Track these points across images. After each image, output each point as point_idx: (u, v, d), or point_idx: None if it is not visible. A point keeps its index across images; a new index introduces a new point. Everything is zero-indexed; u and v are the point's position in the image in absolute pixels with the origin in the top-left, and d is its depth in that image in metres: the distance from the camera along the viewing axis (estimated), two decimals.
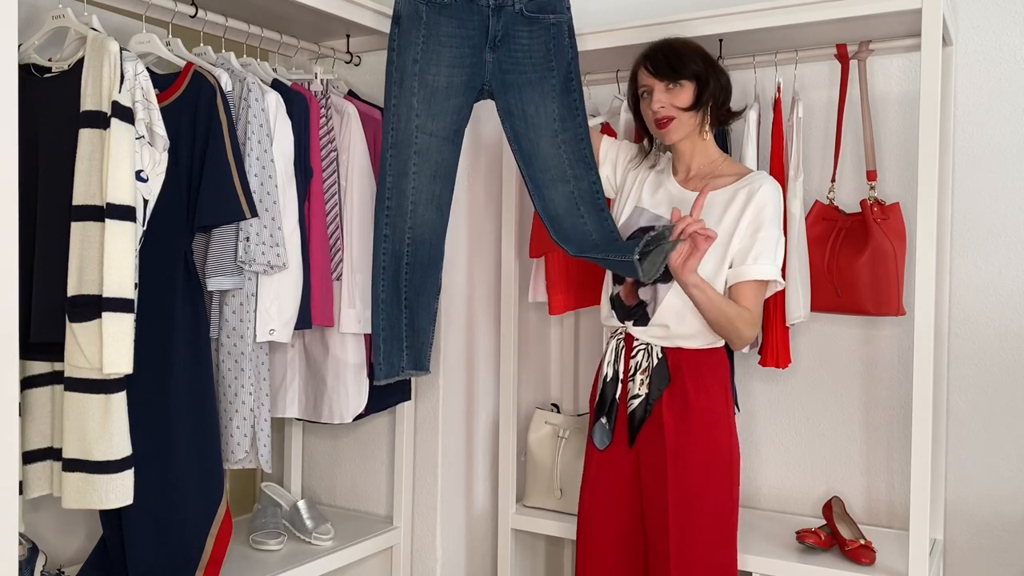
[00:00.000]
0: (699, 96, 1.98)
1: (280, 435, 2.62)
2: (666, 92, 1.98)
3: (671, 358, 1.97)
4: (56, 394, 1.75)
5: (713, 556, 1.95)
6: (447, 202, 2.09)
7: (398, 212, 2.03)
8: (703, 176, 2.03)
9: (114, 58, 1.66)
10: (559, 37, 2.10)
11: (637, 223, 2.04)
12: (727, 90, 2.04)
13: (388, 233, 2.03)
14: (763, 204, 1.93)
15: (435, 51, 2.01)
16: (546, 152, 2.09)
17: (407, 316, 2.05)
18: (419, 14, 1.99)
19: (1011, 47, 2.25)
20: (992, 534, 2.28)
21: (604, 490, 2.06)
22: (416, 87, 2.00)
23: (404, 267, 2.04)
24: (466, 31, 2.03)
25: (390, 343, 2.03)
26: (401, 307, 2.04)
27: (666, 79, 1.97)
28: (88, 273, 1.62)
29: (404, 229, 2.04)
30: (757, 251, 1.92)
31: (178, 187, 1.80)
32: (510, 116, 2.08)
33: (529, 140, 2.09)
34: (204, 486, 1.85)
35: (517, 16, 2.06)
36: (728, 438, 1.98)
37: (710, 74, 1.98)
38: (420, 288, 2.07)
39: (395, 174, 2.02)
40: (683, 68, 1.96)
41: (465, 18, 2.03)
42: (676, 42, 2.02)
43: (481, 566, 2.62)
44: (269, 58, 2.33)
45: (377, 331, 2.02)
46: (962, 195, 2.29)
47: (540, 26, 2.09)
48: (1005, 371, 2.26)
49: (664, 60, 1.98)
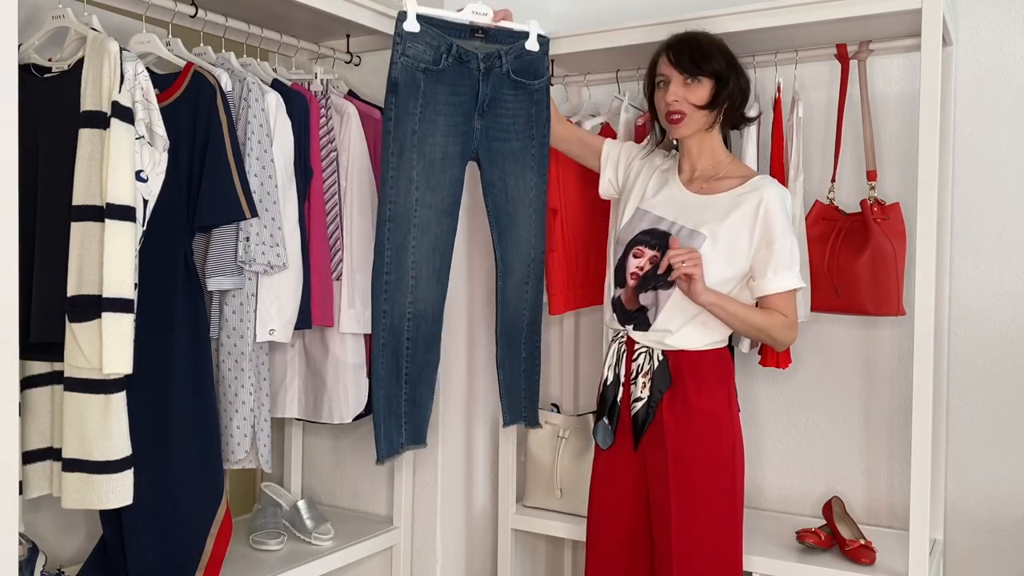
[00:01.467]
0: (716, 95, 1.97)
1: (280, 435, 2.62)
2: (683, 86, 1.97)
3: (672, 360, 1.97)
4: (56, 394, 1.75)
5: (716, 557, 1.94)
6: (446, 274, 2.07)
7: (397, 287, 1.99)
8: (707, 177, 2.02)
9: (114, 58, 1.66)
10: (540, 104, 2.13)
11: (639, 226, 2.03)
12: (745, 93, 2.03)
13: (387, 309, 1.98)
14: (773, 216, 1.92)
15: (431, 120, 1.97)
16: (521, 228, 2.13)
17: (407, 391, 2.03)
18: (416, 82, 1.94)
19: (1011, 47, 2.25)
20: (992, 534, 2.28)
21: (612, 491, 2.06)
22: (415, 159, 1.96)
23: (405, 343, 2.01)
24: (459, 98, 2.01)
25: (389, 421, 2.00)
26: (401, 383, 2.02)
27: (685, 72, 1.96)
28: (88, 273, 1.62)
29: (404, 304, 2.00)
30: (775, 264, 1.91)
31: (178, 187, 1.80)
32: (492, 188, 2.09)
33: (508, 215, 2.11)
34: (204, 486, 1.85)
35: (504, 78, 2.06)
36: (731, 439, 1.97)
37: (731, 75, 1.97)
38: (422, 363, 2.05)
39: (394, 248, 1.97)
40: (705, 64, 1.95)
41: (458, 83, 2.00)
42: (703, 36, 2.01)
43: (481, 566, 2.62)
44: (269, 58, 2.32)
45: (377, 408, 1.98)
46: (962, 195, 2.30)
47: (525, 92, 2.10)
48: (1005, 371, 2.26)
49: (687, 53, 1.97)
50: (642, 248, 2.00)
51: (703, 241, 1.92)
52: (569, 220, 2.40)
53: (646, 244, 1.99)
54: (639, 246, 2.00)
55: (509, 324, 2.18)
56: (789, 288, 1.93)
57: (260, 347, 1.97)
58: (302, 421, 2.54)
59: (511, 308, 2.17)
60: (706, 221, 1.94)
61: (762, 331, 1.94)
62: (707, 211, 1.95)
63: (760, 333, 1.94)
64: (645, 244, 2.00)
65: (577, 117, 2.51)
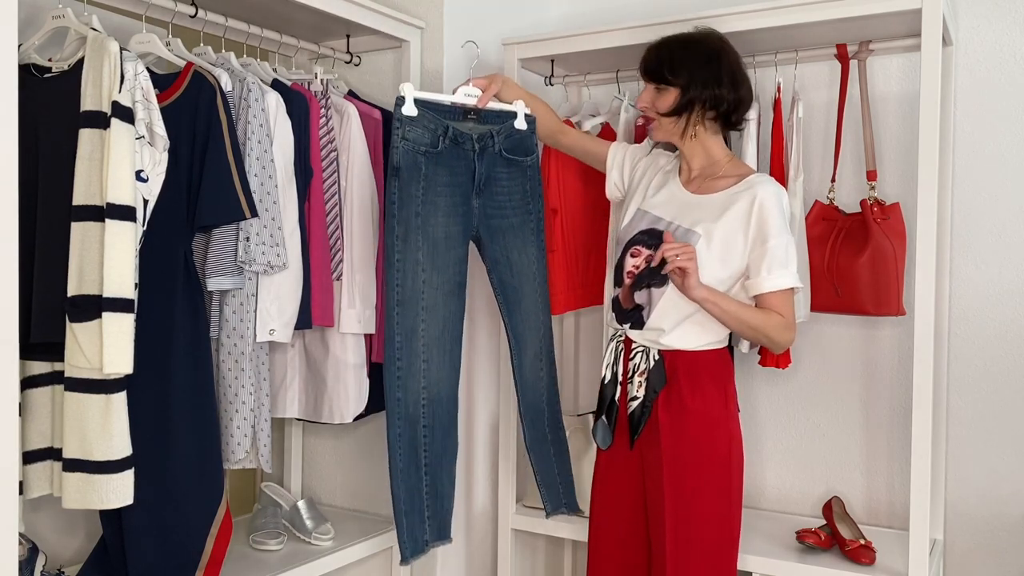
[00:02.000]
0: (678, 105, 1.95)
1: (280, 435, 2.62)
2: (654, 92, 1.98)
3: (668, 360, 1.96)
4: (56, 394, 1.75)
5: (711, 558, 1.93)
6: (458, 357, 2.05)
7: (410, 373, 1.96)
8: (705, 177, 2.02)
9: (114, 58, 1.66)
10: (533, 179, 2.16)
11: (639, 226, 2.03)
12: (719, 99, 1.94)
13: (401, 396, 1.94)
14: (767, 213, 1.89)
15: (433, 202, 1.98)
16: (528, 301, 2.14)
17: (428, 483, 2.00)
18: (417, 165, 1.95)
19: (1011, 47, 2.25)
20: (992, 534, 2.28)
21: (612, 490, 2.06)
22: (420, 241, 1.95)
23: (422, 431, 1.99)
24: (457, 178, 2.02)
25: (411, 517, 1.96)
26: (421, 475, 1.99)
27: (652, 80, 1.98)
28: (88, 273, 1.62)
29: (418, 391, 1.97)
30: (769, 262, 1.89)
31: (178, 187, 1.80)
32: (496, 265, 2.10)
33: (514, 288, 2.12)
34: (204, 486, 1.85)
35: (497, 156, 2.07)
36: (727, 441, 1.95)
37: (700, 83, 1.92)
38: (441, 451, 2.03)
39: (404, 333, 1.94)
40: (670, 73, 1.94)
41: (455, 164, 2.01)
42: (680, 42, 1.98)
43: (481, 566, 2.62)
44: (269, 58, 2.33)
45: (397, 504, 1.93)
46: (962, 195, 2.30)
47: (518, 168, 2.12)
48: (1005, 371, 2.26)
49: (656, 59, 1.97)
50: (639, 248, 2.00)
51: (697, 240, 1.91)
52: (569, 220, 2.41)
53: (643, 244, 1.99)
54: (637, 246, 2.00)
55: (530, 407, 2.17)
56: (784, 287, 1.90)
57: (260, 347, 1.97)
58: (302, 421, 2.54)
59: (530, 388, 2.17)
60: (701, 220, 1.93)
61: (758, 331, 1.90)
62: (702, 210, 1.94)
63: (756, 333, 1.91)
64: (643, 244, 2.00)
65: (577, 117, 2.51)
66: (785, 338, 1.93)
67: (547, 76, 2.63)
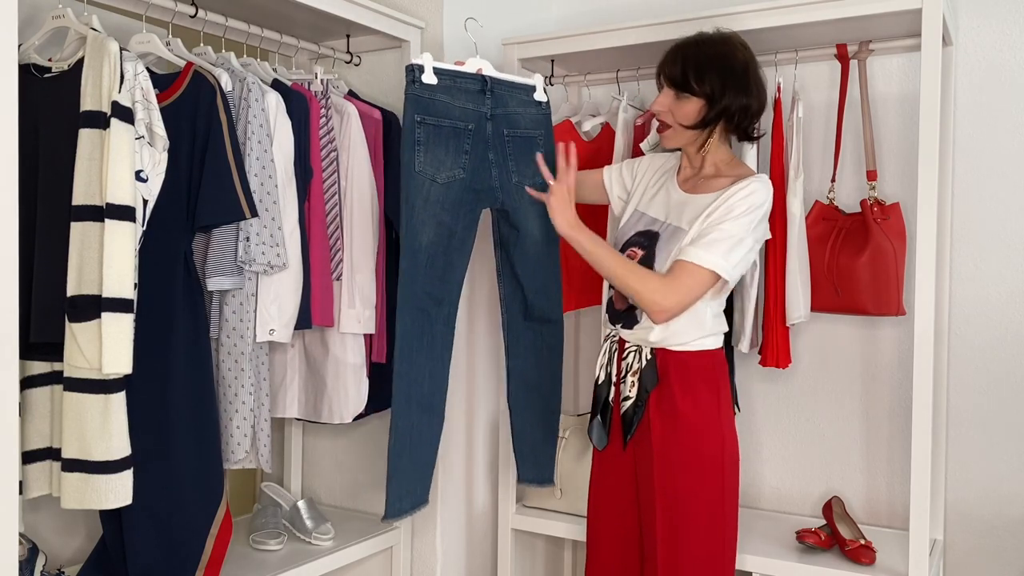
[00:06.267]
0: (704, 117, 1.89)
1: (280, 435, 2.62)
2: (674, 98, 1.91)
3: (660, 360, 1.94)
4: (56, 394, 1.75)
5: (703, 561, 1.91)
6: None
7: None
8: (703, 177, 2.00)
9: (114, 58, 1.66)
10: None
11: (635, 227, 2.01)
12: (747, 110, 1.89)
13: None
14: (738, 198, 1.83)
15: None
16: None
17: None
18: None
19: (1011, 47, 2.25)
20: (992, 534, 2.28)
21: (608, 490, 2.06)
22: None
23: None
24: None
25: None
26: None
27: (675, 87, 1.90)
28: (88, 273, 1.62)
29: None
30: (712, 238, 1.81)
31: (178, 187, 1.80)
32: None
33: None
34: (204, 486, 1.85)
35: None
36: (719, 443, 1.91)
37: (728, 95, 1.86)
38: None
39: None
40: (697, 82, 1.86)
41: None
42: (708, 46, 1.90)
43: (481, 566, 2.62)
44: (269, 58, 2.33)
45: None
46: (962, 195, 2.29)
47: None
48: (1005, 371, 2.26)
49: (682, 64, 1.88)
50: (635, 249, 1.98)
51: (683, 237, 1.88)
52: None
53: (639, 245, 1.98)
54: (632, 247, 1.99)
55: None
56: (701, 264, 1.80)
57: (260, 347, 1.97)
58: (302, 421, 2.54)
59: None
60: (688, 218, 1.90)
61: (623, 281, 1.83)
62: (693, 208, 1.91)
63: (622, 284, 1.84)
64: (638, 245, 1.98)
65: (577, 117, 2.51)
66: (654, 299, 1.82)
67: (547, 76, 2.63)
